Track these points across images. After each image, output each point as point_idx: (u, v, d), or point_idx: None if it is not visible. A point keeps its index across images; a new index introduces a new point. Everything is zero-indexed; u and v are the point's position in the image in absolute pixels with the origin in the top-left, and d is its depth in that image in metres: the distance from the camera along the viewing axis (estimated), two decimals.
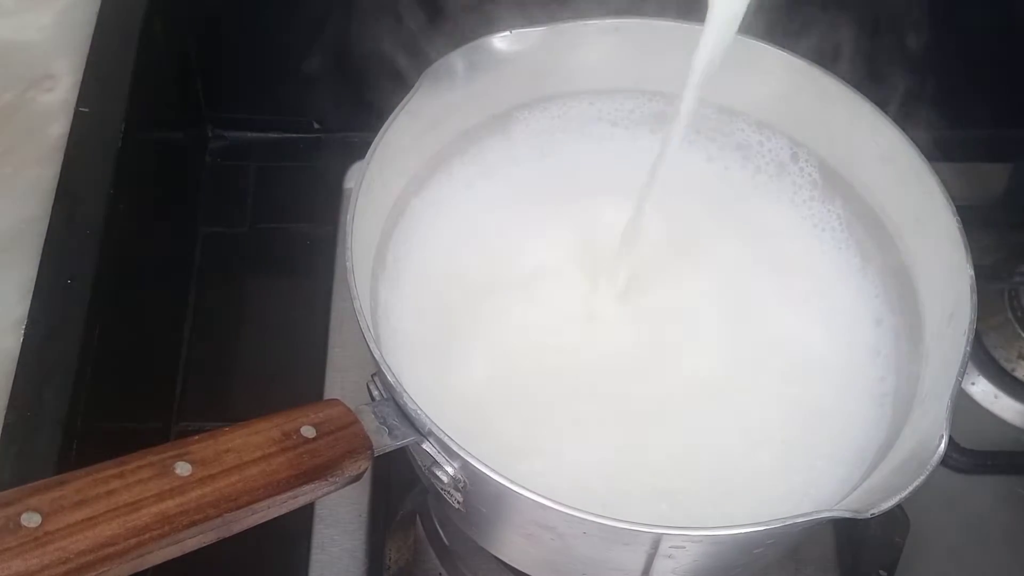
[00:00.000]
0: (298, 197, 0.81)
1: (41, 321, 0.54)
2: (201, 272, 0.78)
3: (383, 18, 0.67)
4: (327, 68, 0.77)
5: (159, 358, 0.72)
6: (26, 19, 0.69)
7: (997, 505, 0.68)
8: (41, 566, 0.37)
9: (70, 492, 0.38)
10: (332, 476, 0.44)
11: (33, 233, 0.58)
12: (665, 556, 0.46)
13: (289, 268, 0.79)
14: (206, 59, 0.79)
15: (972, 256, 0.51)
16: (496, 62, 0.57)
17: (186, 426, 0.70)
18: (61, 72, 0.66)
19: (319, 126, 0.84)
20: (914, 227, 0.56)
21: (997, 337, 0.73)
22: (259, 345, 0.75)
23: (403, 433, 0.46)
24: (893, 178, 0.57)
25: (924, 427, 0.48)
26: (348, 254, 0.49)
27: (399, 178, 0.58)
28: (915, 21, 0.74)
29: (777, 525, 0.43)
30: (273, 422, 0.44)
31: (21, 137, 0.63)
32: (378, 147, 0.53)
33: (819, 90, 0.58)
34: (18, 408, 0.51)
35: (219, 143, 0.84)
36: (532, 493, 0.43)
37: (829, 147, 0.61)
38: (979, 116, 0.81)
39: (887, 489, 0.44)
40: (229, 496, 0.41)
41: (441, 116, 0.58)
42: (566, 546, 0.48)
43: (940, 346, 0.52)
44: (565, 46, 0.58)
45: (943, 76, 0.77)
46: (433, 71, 0.55)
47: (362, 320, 0.48)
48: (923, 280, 0.56)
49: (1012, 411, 0.71)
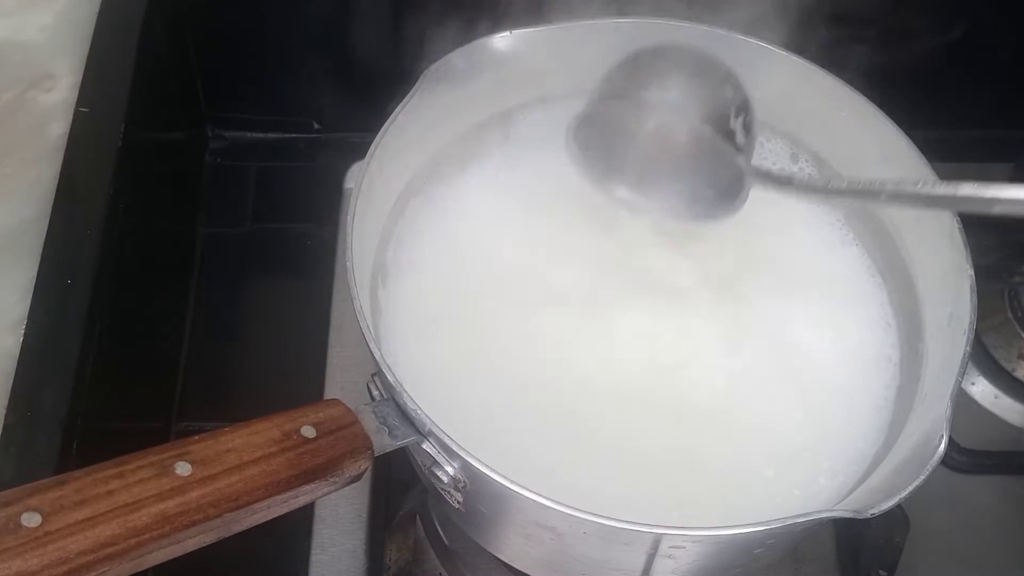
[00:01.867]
0: (298, 197, 0.81)
1: (41, 321, 0.54)
2: (201, 272, 0.78)
3: (383, 18, 0.67)
4: (327, 68, 0.77)
5: (159, 358, 0.72)
6: (26, 19, 0.69)
7: (997, 505, 0.68)
8: (41, 566, 0.37)
9: (70, 492, 0.38)
10: (332, 476, 0.44)
11: (33, 233, 0.58)
12: (665, 556, 0.46)
13: (289, 268, 0.79)
14: (206, 59, 0.79)
15: (972, 256, 0.51)
16: (496, 62, 0.57)
17: (186, 426, 0.70)
18: (61, 72, 0.66)
19: (319, 126, 0.84)
20: (914, 227, 0.56)
21: (997, 337, 0.73)
22: (259, 345, 0.75)
23: (403, 433, 0.46)
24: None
25: (924, 427, 0.48)
26: (348, 254, 0.49)
27: (399, 178, 0.58)
28: (915, 21, 0.75)
29: (777, 525, 0.43)
30: (273, 422, 0.44)
31: (21, 137, 0.63)
32: (378, 147, 0.53)
33: (819, 90, 0.58)
34: (18, 408, 0.51)
35: (219, 143, 0.84)
36: (532, 493, 0.43)
37: (829, 147, 0.61)
38: (979, 116, 0.82)
39: (887, 489, 0.44)
40: (229, 496, 0.41)
41: (441, 116, 0.58)
42: (566, 546, 0.48)
43: (940, 346, 0.52)
44: (565, 46, 0.58)
45: (943, 76, 0.78)
46: (433, 71, 0.55)
47: (362, 320, 0.48)
48: (923, 280, 0.56)
49: (1012, 411, 0.71)
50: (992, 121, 0.82)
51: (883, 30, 0.74)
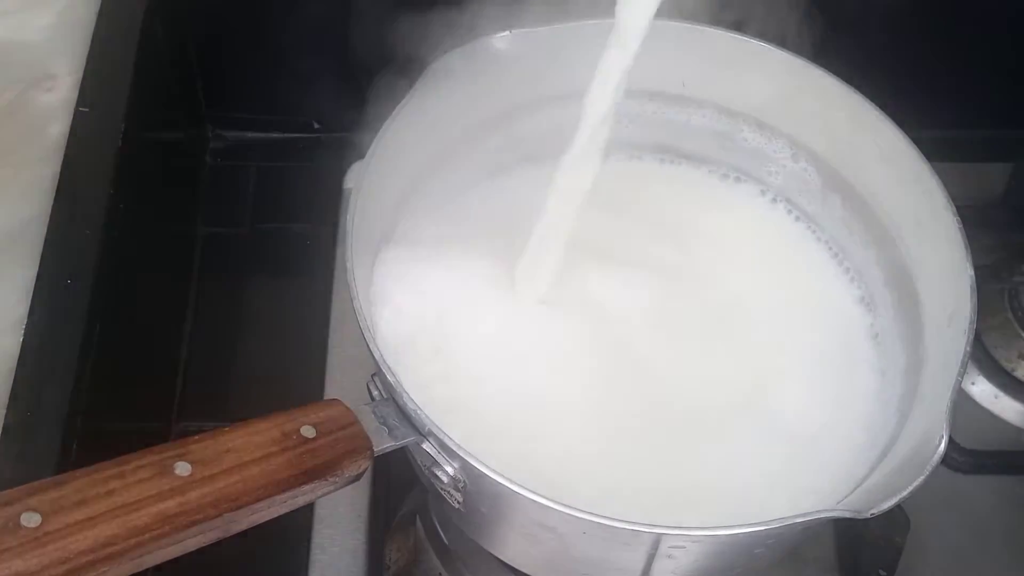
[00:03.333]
0: (298, 197, 0.81)
1: (41, 321, 0.54)
2: (201, 272, 0.78)
3: (383, 18, 0.67)
4: (327, 68, 0.77)
5: (159, 358, 0.72)
6: (26, 19, 0.69)
7: (997, 505, 0.68)
8: (41, 566, 0.37)
9: (70, 492, 0.38)
10: (332, 476, 0.44)
11: (33, 233, 0.58)
12: (665, 556, 0.46)
13: (289, 268, 0.79)
14: (206, 59, 0.79)
15: (972, 256, 0.51)
16: (496, 62, 0.57)
17: (186, 426, 0.70)
18: (61, 72, 0.66)
19: (319, 126, 0.84)
20: (914, 227, 0.56)
21: (997, 337, 0.73)
22: (259, 345, 0.75)
23: (403, 433, 0.46)
24: (893, 178, 0.57)
25: (924, 427, 0.48)
26: (348, 254, 0.49)
27: (399, 178, 0.58)
28: (915, 21, 0.75)
29: (777, 525, 0.43)
30: (273, 422, 0.44)
31: (21, 137, 0.63)
32: (378, 147, 0.53)
33: (819, 90, 0.58)
34: (18, 408, 0.51)
35: (219, 143, 0.84)
36: (532, 493, 0.43)
37: (829, 147, 0.61)
38: (979, 116, 0.82)
39: (887, 489, 0.44)
40: (229, 496, 0.41)
41: (441, 116, 0.58)
42: (566, 546, 0.48)
43: (940, 346, 0.52)
44: (565, 46, 0.58)
45: (943, 76, 0.78)
46: (433, 71, 0.55)
47: (362, 320, 0.48)
48: (923, 280, 0.56)
49: (1012, 411, 0.71)
50: (992, 121, 0.82)
51: (883, 30, 0.74)
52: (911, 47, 0.75)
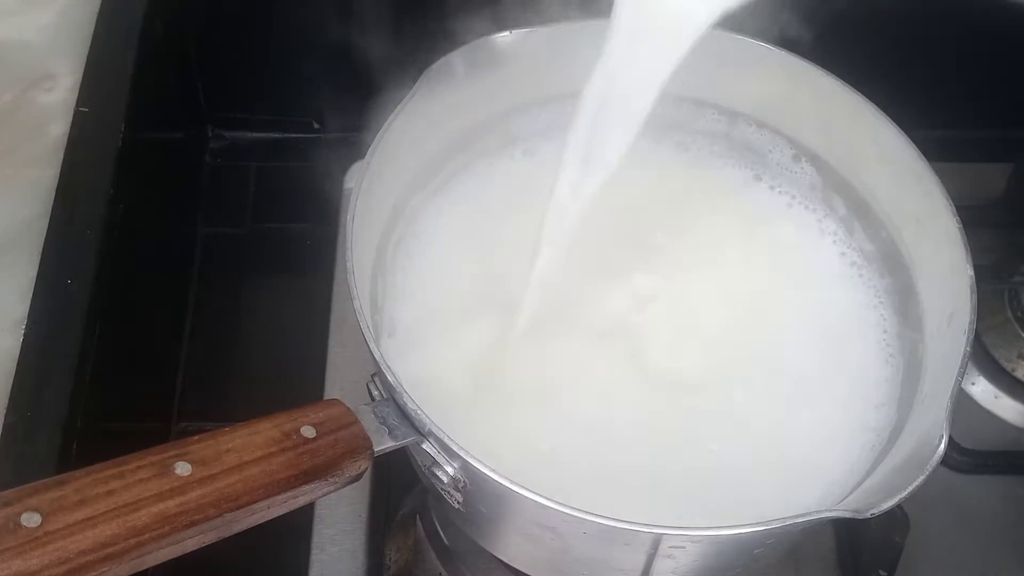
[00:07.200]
0: (298, 197, 0.81)
1: (41, 321, 0.54)
2: (201, 272, 0.78)
3: (383, 18, 0.67)
4: (327, 68, 0.77)
5: (159, 358, 0.72)
6: (26, 19, 0.69)
7: (997, 505, 0.68)
8: (41, 566, 0.37)
9: (70, 492, 0.38)
10: (332, 476, 0.44)
11: (33, 233, 0.58)
12: (665, 556, 0.46)
13: (289, 268, 0.79)
14: (206, 59, 0.79)
15: (972, 256, 0.51)
16: (496, 62, 0.57)
17: (186, 426, 0.70)
18: (61, 72, 0.66)
19: (319, 126, 0.84)
20: (914, 227, 0.56)
21: (997, 337, 0.73)
22: (259, 345, 0.75)
23: (403, 433, 0.46)
24: (893, 178, 0.57)
25: (924, 427, 0.48)
26: (348, 254, 0.49)
27: (399, 178, 0.58)
28: (915, 21, 0.75)
29: (777, 525, 0.43)
30: (273, 422, 0.44)
31: (21, 137, 0.63)
32: (378, 147, 0.53)
33: (819, 90, 0.58)
34: (18, 408, 0.51)
35: (219, 143, 0.84)
36: (532, 493, 0.43)
37: (829, 147, 0.61)
38: (979, 116, 0.82)
39: (887, 489, 0.44)
40: (229, 496, 0.41)
41: (441, 116, 0.58)
42: (566, 546, 0.48)
43: (940, 346, 0.52)
44: (565, 46, 0.58)
45: (943, 76, 0.78)
46: (433, 71, 0.55)
47: (362, 320, 0.48)
48: (923, 280, 0.56)
49: (1012, 411, 0.71)
50: (992, 121, 0.82)
51: (883, 30, 0.74)
52: (911, 47, 0.75)
